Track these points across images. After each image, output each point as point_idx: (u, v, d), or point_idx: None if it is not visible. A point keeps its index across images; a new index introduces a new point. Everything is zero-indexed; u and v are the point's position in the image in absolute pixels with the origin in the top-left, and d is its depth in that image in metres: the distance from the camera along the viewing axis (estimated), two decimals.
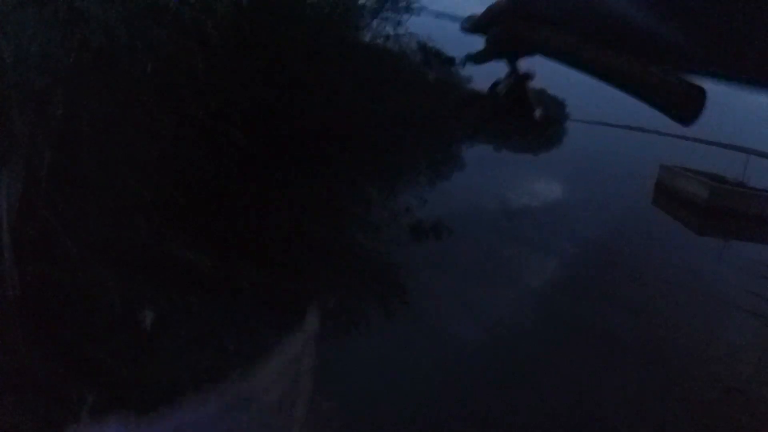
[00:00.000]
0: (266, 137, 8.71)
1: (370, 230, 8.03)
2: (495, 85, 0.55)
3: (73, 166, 3.73)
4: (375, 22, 16.30)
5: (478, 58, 0.55)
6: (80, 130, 3.68)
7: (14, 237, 2.95)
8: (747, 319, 6.48)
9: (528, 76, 0.54)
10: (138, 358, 3.45)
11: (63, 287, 3.31)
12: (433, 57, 18.69)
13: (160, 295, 4.16)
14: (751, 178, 14.36)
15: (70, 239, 3.28)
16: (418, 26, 17.12)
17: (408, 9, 16.08)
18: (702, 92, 0.37)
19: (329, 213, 8.39)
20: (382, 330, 4.85)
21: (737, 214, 12.21)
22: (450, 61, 19.85)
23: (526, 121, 0.50)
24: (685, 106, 0.38)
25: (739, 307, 6.68)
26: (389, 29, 16.45)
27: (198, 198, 5.51)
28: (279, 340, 4.36)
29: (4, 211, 2.94)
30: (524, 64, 0.52)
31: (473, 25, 0.54)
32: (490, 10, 0.51)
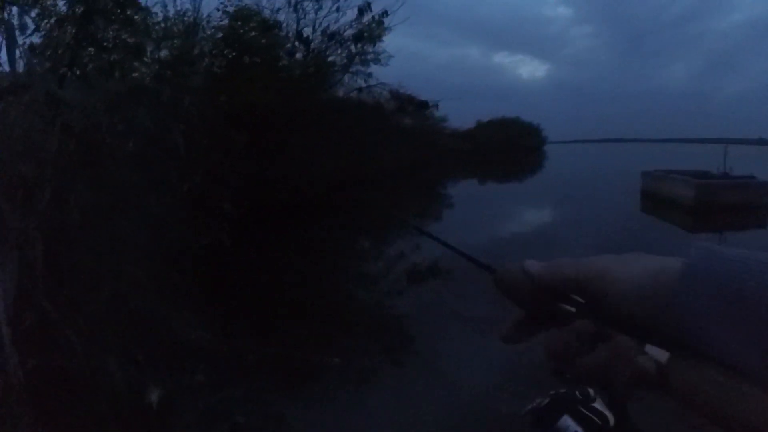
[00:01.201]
0: (254, 205, 8.82)
1: (367, 283, 8.02)
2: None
3: (66, 252, 3.74)
4: (346, 77, 16.96)
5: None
6: (70, 216, 3.71)
7: (14, 328, 2.91)
8: None
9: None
10: None
11: (66, 375, 3.24)
12: (406, 103, 19.32)
13: (165, 375, 4.07)
14: (732, 167, 14.58)
15: (69, 327, 3.24)
16: (387, 76, 17.81)
17: (376, 59, 16.82)
18: None
19: (324, 272, 8.39)
20: (394, 384, 4.73)
21: (727, 205, 12.33)
22: (423, 105, 20.53)
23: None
24: None
25: None
26: (360, 81, 17.10)
27: (194, 273, 5.50)
28: (289, 408, 4.27)
29: (2, 304, 2.92)
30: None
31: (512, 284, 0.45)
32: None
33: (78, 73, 4.56)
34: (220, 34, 12.39)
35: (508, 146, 47.72)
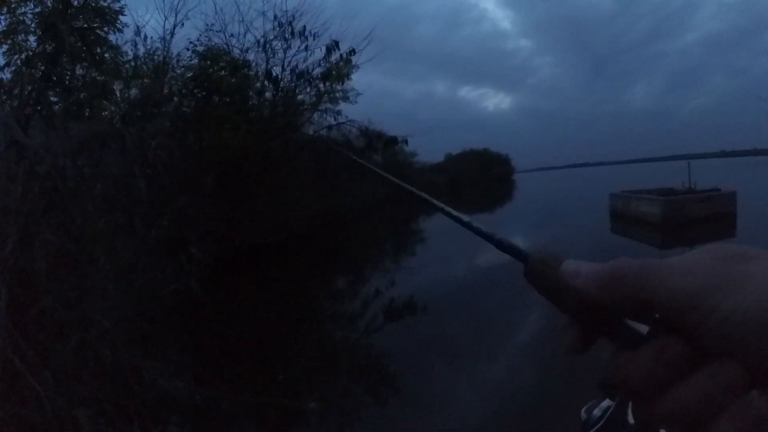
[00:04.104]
0: (225, 247, 8.66)
1: (345, 323, 7.90)
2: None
3: (31, 301, 3.57)
4: (316, 115, 17.12)
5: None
6: (34, 262, 3.56)
7: None
8: None
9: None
10: None
11: (34, 428, 3.04)
12: (376, 139, 19.57)
13: (137, 427, 3.88)
14: (697, 182, 15.10)
15: (36, 378, 3.05)
16: (357, 112, 18.05)
17: (345, 97, 17.08)
18: None
19: (299, 313, 8.24)
20: (376, 425, 4.61)
21: (694, 219, 12.74)
22: (392, 140, 20.85)
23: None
24: None
25: None
26: (330, 119, 17.28)
27: (165, 319, 5.33)
28: None
29: None
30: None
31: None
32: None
33: (44, 113, 4.46)
34: (190, 74, 12.41)
35: (478, 177, 48.61)
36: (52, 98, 4.82)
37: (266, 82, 15.04)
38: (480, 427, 4.21)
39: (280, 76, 15.38)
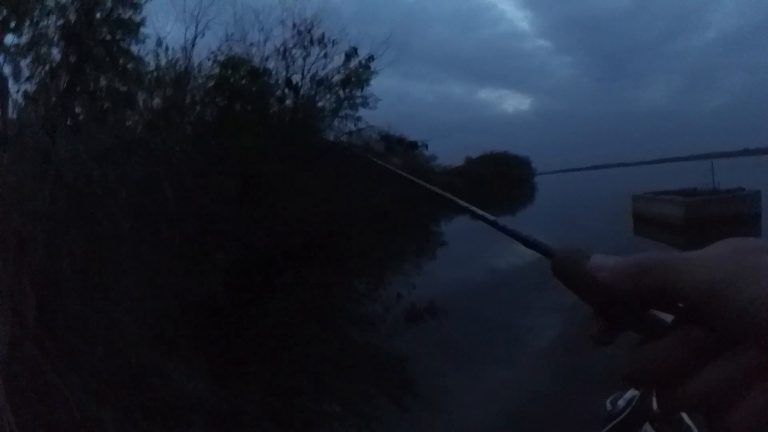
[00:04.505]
0: (248, 251, 8.75)
1: (366, 326, 7.90)
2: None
3: (59, 305, 3.67)
4: (336, 121, 17.24)
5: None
6: (62, 269, 3.67)
7: (7, 382, 2.83)
8: None
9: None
10: None
11: (61, 428, 3.13)
12: (396, 144, 19.59)
13: (161, 428, 3.95)
14: (720, 181, 14.68)
15: (62, 380, 3.15)
16: (376, 117, 18.13)
17: (364, 103, 17.17)
18: None
19: (321, 316, 8.28)
20: (397, 428, 4.60)
21: (717, 220, 12.39)
22: (413, 145, 20.84)
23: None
24: None
25: None
26: (350, 125, 17.37)
27: (189, 323, 5.40)
28: None
29: None
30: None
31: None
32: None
33: (69, 122, 4.61)
34: (212, 83, 12.62)
35: (499, 180, 48.17)
36: (76, 107, 4.99)
37: (286, 90, 15.23)
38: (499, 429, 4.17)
39: (300, 84, 15.55)
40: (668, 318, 0.34)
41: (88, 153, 4.30)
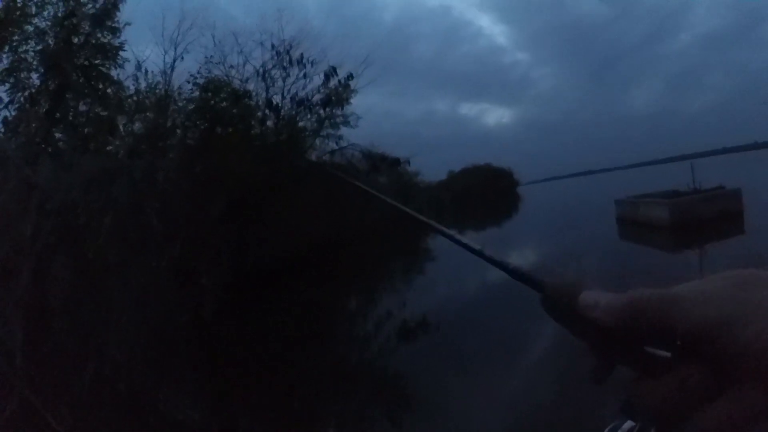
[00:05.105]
0: (236, 274, 8.64)
1: (359, 344, 7.84)
2: None
3: (46, 335, 3.57)
4: (318, 141, 17.25)
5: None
6: (48, 296, 3.57)
7: None
8: None
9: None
10: None
11: None
12: (379, 162, 19.66)
13: None
14: (701, 181, 14.92)
15: (51, 414, 3.03)
16: (359, 136, 18.20)
17: (345, 122, 17.24)
18: None
19: (312, 337, 8.18)
20: None
21: (702, 219, 12.58)
22: (395, 162, 20.94)
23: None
24: None
25: None
26: (332, 144, 17.40)
27: (179, 348, 5.30)
28: None
29: None
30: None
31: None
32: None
33: (50, 150, 4.53)
34: (192, 106, 12.57)
35: (482, 193, 48.58)
36: (57, 135, 4.91)
37: (267, 111, 15.23)
38: None
39: (280, 104, 15.58)
40: (664, 356, 0.33)
41: (71, 181, 4.22)
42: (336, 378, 6.21)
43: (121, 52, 8.81)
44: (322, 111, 16.47)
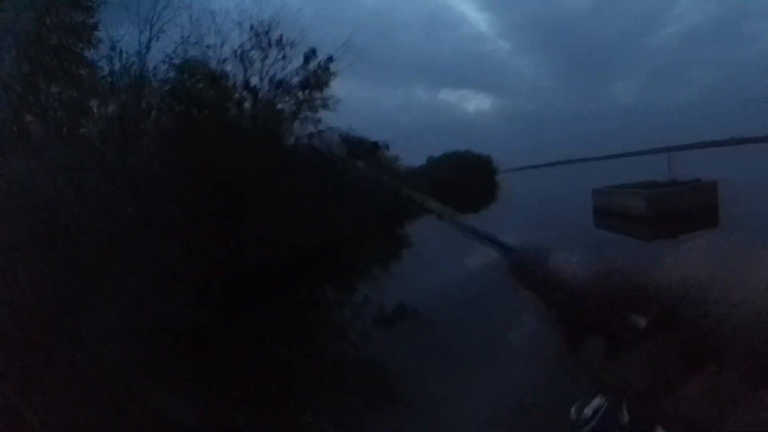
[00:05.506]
0: (215, 264, 8.51)
1: (345, 336, 7.86)
2: None
3: (23, 334, 3.45)
4: (296, 124, 17.01)
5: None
6: (24, 295, 3.45)
7: None
8: None
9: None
10: None
11: None
12: (357, 145, 19.54)
13: None
14: (677, 174, 15.32)
15: (37, 415, 2.94)
16: (338, 121, 18.01)
17: (324, 105, 17.03)
18: None
19: (307, 333, 8.16)
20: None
21: (678, 211, 12.95)
22: (374, 146, 20.84)
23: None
24: None
25: None
26: (311, 127, 17.18)
27: (166, 346, 5.21)
28: None
29: None
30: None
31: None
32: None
33: (21, 135, 4.34)
34: (167, 87, 12.21)
35: (462, 179, 48.77)
36: (28, 119, 4.70)
37: (245, 93, 14.92)
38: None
39: (258, 87, 15.27)
40: (641, 322, 0.30)
41: (43, 167, 4.05)
42: (331, 375, 6.22)
43: (95, 32, 8.53)
44: (300, 93, 16.23)
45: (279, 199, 11.87)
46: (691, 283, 0.25)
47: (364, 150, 20.03)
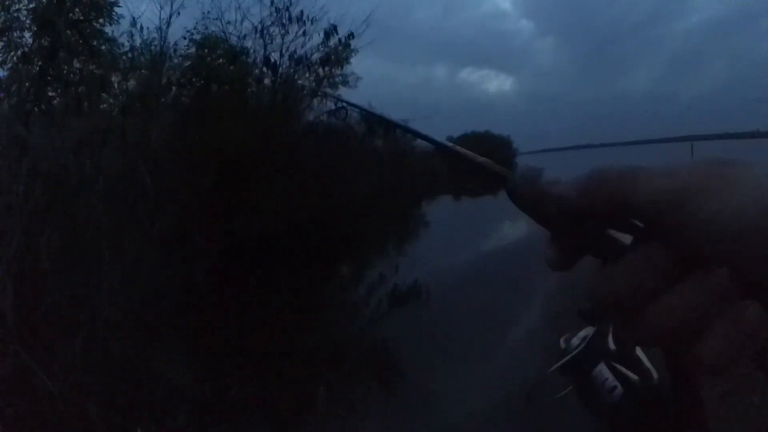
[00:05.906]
0: (230, 238, 8.64)
1: (349, 309, 7.92)
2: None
3: (38, 298, 3.58)
4: (315, 101, 16.95)
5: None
6: (39, 259, 3.57)
7: None
8: None
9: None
10: None
11: (46, 423, 3.09)
12: (377, 123, 19.43)
13: (147, 419, 3.92)
14: None
15: (46, 374, 3.09)
16: (356, 99, 17.89)
17: (344, 82, 16.90)
18: None
19: (304, 302, 8.25)
20: (384, 410, 4.66)
21: None
22: (394, 125, 20.64)
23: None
24: None
25: None
26: (330, 104, 17.10)
27: (172, 313, 5.34)
28: None
29: None
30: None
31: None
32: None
33: (44, 108, 4.44)
34: (188, 63, 12.27)
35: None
36: (50, 94, 4.79)
37: (265, 69, 14.88)
38: (488, 415, 4.23)
39: (278, 63, 15.21)
40: (628, 239, 0.31)
41: (64, 142, 4.15)
42: (328, 344, 6.31)
43: (116, 8, 8.57)
44: (321, 70, 16.11)
45: (296, 174, 11.93)
46: (674, 191, 0.25)
47: (381, 128, 19.91)
